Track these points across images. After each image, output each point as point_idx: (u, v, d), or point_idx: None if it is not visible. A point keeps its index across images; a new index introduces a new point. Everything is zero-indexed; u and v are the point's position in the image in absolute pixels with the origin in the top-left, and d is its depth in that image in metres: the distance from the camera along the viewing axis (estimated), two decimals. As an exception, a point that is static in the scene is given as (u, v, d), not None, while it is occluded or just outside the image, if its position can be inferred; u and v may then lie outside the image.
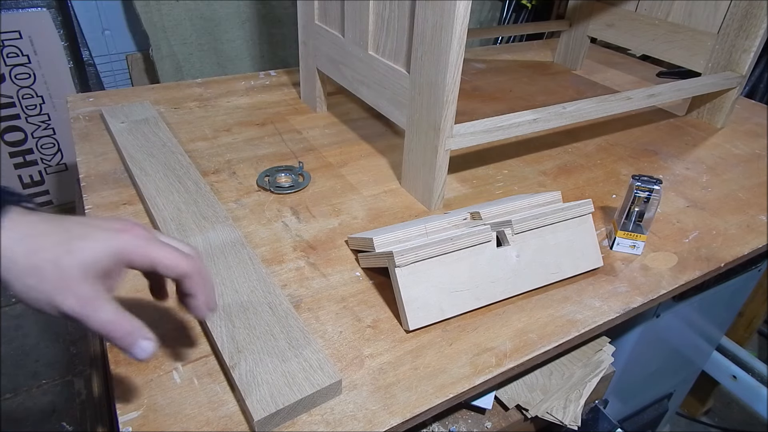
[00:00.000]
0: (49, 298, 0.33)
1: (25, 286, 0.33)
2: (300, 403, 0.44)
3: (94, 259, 0.35)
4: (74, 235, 0.35)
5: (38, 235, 0.34)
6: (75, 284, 0.34)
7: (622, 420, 1.03)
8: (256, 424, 0.42)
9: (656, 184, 0.66)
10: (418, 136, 0.71)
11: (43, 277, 0.33)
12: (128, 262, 0.37)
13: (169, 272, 0.38)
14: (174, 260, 0.38)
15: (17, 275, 0.33)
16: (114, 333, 0.35)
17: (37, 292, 0.33)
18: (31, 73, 1.52)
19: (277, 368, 0.46)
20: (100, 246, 0.35)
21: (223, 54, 1.67)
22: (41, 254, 0.33)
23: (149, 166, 0.74)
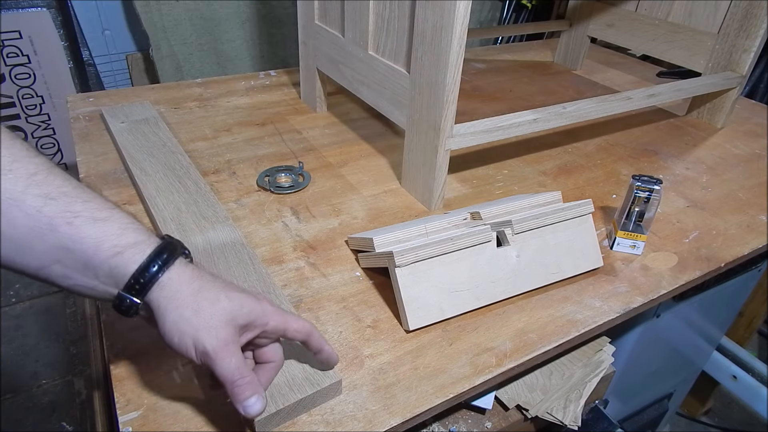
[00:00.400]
0: (196, 332, 0.38)
1: (180, 317, 0.38)
2: (300, 403, 0.44)
3: (243, 310, 0.40)
4: (230, 287, 0.41)
5: (203, 279, 0.40)
6: (221, 326, 0.38)
7: (622, 420, 1.03)
8: (257, 424, 0.42)
9: (656, 184, 0.66)
10: (418, 136, 0.71)
11: (199, 312, 0.38)
12: (265, 323, 0.41)
13: (299, 335, 0.43)
14: (302, 323, 0.43)
15: (178, 305, 0.38)
16: (237, 381, 0.38)
17: (188, 324, 0.38)
18: (31, 73, 1.52)
19: None
20: (250, 302, 0.41)
21: (223, 54, 1.67)
22: (204, 293, 0.39)
23: (149, 166, 0.74)
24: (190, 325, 0.38)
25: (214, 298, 0.39)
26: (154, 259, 0.38)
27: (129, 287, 0.37)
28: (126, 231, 0.38)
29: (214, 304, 0.39)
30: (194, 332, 0.38)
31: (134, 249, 0.37)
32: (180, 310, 0.38)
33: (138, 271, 0.37)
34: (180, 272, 0.39)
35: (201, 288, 0.39)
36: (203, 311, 0.38)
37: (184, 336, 0.38)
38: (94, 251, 0.36)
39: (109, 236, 0.37)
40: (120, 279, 0.37)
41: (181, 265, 0.39)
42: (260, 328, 0.41)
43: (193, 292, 0.39)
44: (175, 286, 0.38)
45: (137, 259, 0.37)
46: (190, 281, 0.39)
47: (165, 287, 0.38)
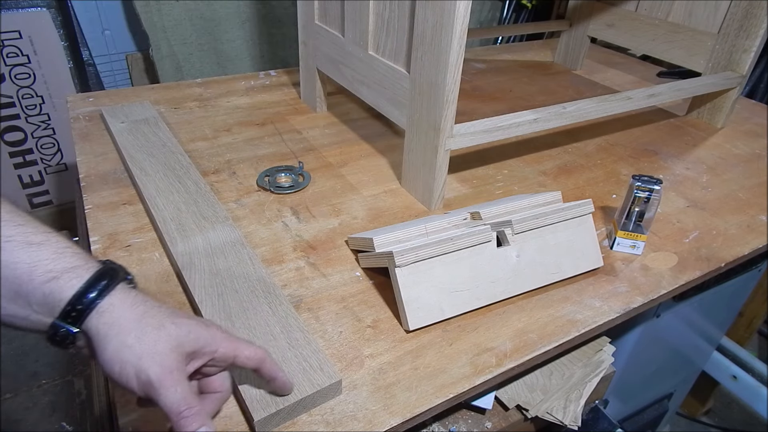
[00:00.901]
0: (138, 360, 0.35)
1: (122, 344, 0.35)
2: (300, 403, 0.44)
3: (190, 336, 0.37)
4: (176, 314, 0.38)
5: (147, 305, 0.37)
6: (166, 353, 0.36)
7: (622, 420, 1.03)
8: (256, 424, 0.42)
9: (656, 184, 0.66)
10: (418, 136, 0.71)
11: (142, 338, 0.36)
12: (214, 350, 0.39)
13: (250, 362, 0.41)
14: (254, 350, 0.41)
15: (119, 331, 0.35)
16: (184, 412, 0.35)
17: (130, 352, 0.35)
18: (31, 73, 1.52)
19: None
20: (198, 328, 0.38)
21: (223, 54, 1.67)
22: (148, 319, 0.36)
23: (149, 166, 0.74)
24: (132, 353, 0.35)
25: (158, 324, 0.37)
26: (93, 284, 0.36)
27: (64, 315, 0.35)
28: (62, 255, 0.35)
29: (158, 329, 0.36)
30: (137, 360, 0.35)
31: (71, 274, 0.35)
32: (121, 336, 0.35)
33: (75, 296, 0.35)
34: (122, 298, 0.37)
35: (145, 314, 0.37)
36: (147, 337, 0.36)
37: (126, 365, 0.35)
38: (28, 276, 0.34)
39: (44, 260, 0.34)
40: (55, 306, 0.35)
41: (123, 291, 0.37)
42: (209, 356, 0.39)
43: (136, 317, 0.36)
44: (116, 312, 0.36)
45: (74, 284, 0.35)
46: (132, 307, 0.37)
47: (105, 313, 0.36)
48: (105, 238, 0.63)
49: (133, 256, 0.61)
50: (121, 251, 0.61)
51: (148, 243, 0.63)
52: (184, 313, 0.40)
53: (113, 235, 0.64)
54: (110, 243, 0.63)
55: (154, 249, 0.62)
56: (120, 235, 0.64)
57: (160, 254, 0.62)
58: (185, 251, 0.59)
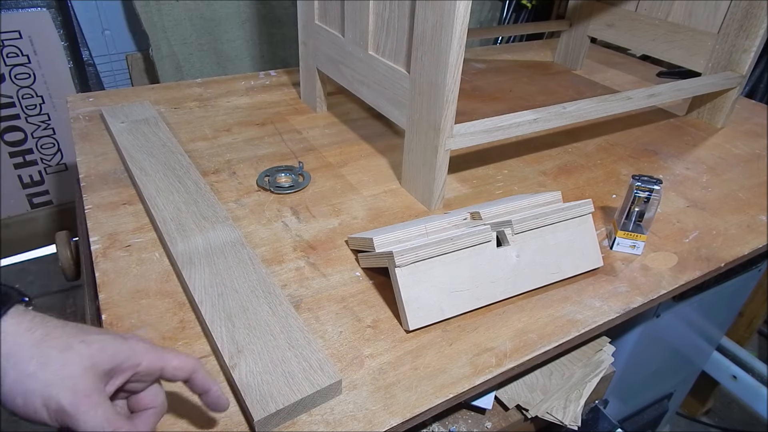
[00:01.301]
0: (45, 388, 0.32)
1: (22, 374, 0.32)
2: (300, 403, 0.44)
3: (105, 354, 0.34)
4: (85, 331, 0.35)
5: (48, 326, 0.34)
6: (78, 376, 0.33)
7: (622, 420, 1.03)
8: (256, 424, 0.42)
9: (656, 184, 0.66)
10: (418, 136, 0.71)
11: (47, 364, 0.32)
12: (137, 364, 0.36)
13: (180, 372, 0.38)
14: (183, 359, 0.38)
15: (17, 360, 0.32)
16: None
17: (33, 380, 0.32)
18: (31, 73, 1.52)
19: (276, 368, 0.46)
20: (113, 342, 0.35)
21: (223, 54, 1.67)
22: (50, 341, 0.33)
23: (149, 166, 0.74)
24: (36, 381, 0.31)
25: (63, 346, 0.33)
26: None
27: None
28: None
29: (64, 351, 0.33)
30: (43, 389, 0.31)
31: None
32: (21, 366, 0.32)
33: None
34: (16, 323, 0.33)
35: (46, 336, 0.33)
36: (52, 362, 0.32)
37: (31, 395, 0.31)
38: None
39: None
40: None
41: (17, 315, 0.33)
42: (131, 370, 0.36)
43: (35, 342, 0.32)
44: (10, 340, 0.32)
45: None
46: (29, 331, 0.33)
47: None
48: (105, 238, 0.63)
49: (133, 256, 0.61)
50: (121, 251, 0.62)
51: (148, 243, 0.63)
52: (95, 328, 0.36)
53: (113, 235, 0.64)
54: (110, 243, 0.63)
55: (154, 249, 0.62)
56: (120, 235, 0.64)
57: (160, 254, 0.62)
58: (185, 251, 0.59)
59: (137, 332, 0.51)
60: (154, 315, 0.53)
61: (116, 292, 0.56)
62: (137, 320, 0.53)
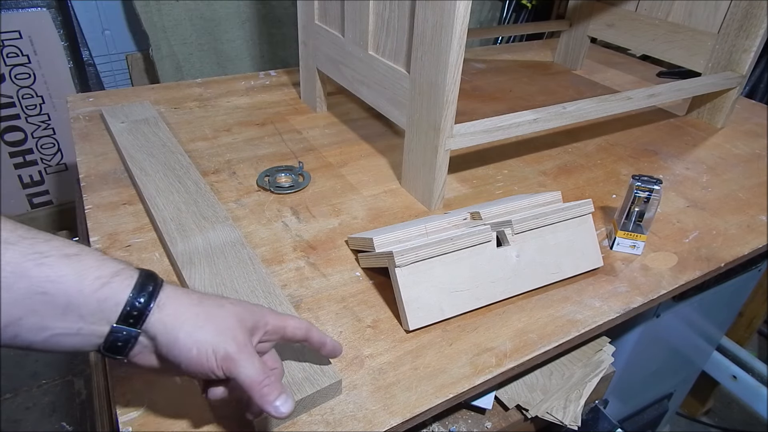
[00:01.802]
0: (214, 337, 0.36)
1: (194, 327, 0.36)
2: (300, 403, 0.44)
3: (246, 313, 0.39)
4: (224, 296, 0.40)
5: (198, 293, 0.39)
6: (236, 328, 0.37)
7: (622, 420, 1.03)
8: (256, 424, 0.42)
9: (656, 184, 0.66)
10: (418, 136, 0.71)
11: (210, 318, 0.37)
12: (266, 323, 0.40)
13: (299, 331, 0.42)
14: (299, 320, 0.43)
15: (186, 318, 0.36)
16: (264, 381, 0.36)
17: (203, 332, 0.36)
18: (31, 73, 1.52)
19: None
20: (248, 304, 0.40)
21: (223, 54, 1.67)
22: (207, 301, 0.38)
23: (149, 166, 0.74)
24: (205, 332, 0.36)
25: (218, 304, 0.38)
26: (146, 283, 0.36)
27: (124, 317, 0.34)
28: (104, 261, 0.35)
29: (221, 308, 0.38)
30: (212, 338, 0.36)
31: (120, 276, 0.35)
32: (191, 321, 0.36)
33: (131, 296, 0.34)
34: (174, 290, 0.37)
35: (201, 298, 0.38)
36: (214, 316, 0.37)
37: (203, 345, 0.35)
38: (77, 288, 0.33)
39: (90, 269, 0.33)
40: (112, 312, 0.34)
41: (171, 286, 0.38)
42: (262, 329, 0.40)
43: (195, 302, 0.37)
44: (176, 303, 0.36)
45: (127, 284, 0.35)
46: (187, 294, 0.38)
47: (165, 306, 0.36)
48: (105, 238, 0.63)
49: (133, 256, 0.61)
50: (121, 251, 0.61)
51: (148, 243, 0.63)
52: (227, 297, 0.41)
53: (113, 235, 0.64)
54: (110, 243, 0.63)
55: (154, 249, 0.62)
56: (120, 235, 0.64)
57: (160, 254, 0.62)
58: (185, 251, 0.59)
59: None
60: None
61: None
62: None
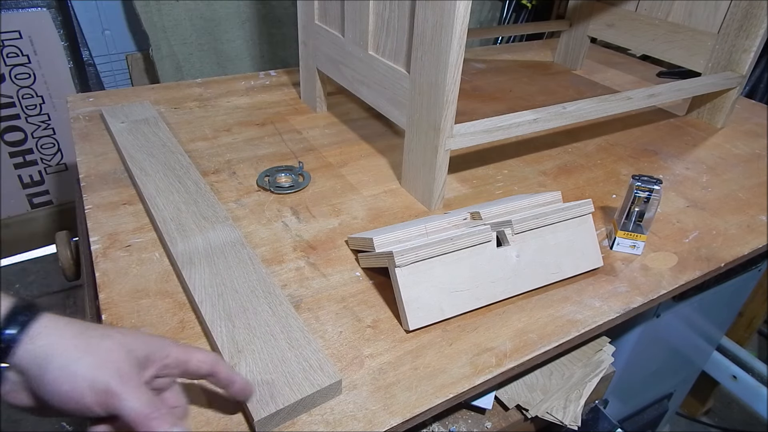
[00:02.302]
0: (91, 370, 0.33)
1: (69, 360, 0.33)
2: (300, 403, 0.44)
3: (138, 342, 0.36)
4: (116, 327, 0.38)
5: (82, 323, 0.36)
6: (120, 360, 0.34)
7: (622, 420, 1.03)
8: (256, 424, 0.42)
9: (656, 184, 0.66)
10: (418, 136, 0.71)
11: (90, 348, 0.34)
12: (165, 355, 0.38)
13: (204, 365, 0.40)
14: (205, 354, 0.40)
15: (62, 350, 0.33)
16: (153, 414, 0.34)
17: (79, 364, 0.33)
18: (31, 73, 1.52)
19: (277, 368, 0.46)
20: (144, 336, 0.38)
21: (223, 54, 1.67)
22: (91, 331, 0.35)
23: (149, 166, 0.74)
24: (82, 365, 0.33)
25: (103, 334, 0.35)
26: (18, 312, 0.33)
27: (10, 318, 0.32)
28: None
29: (105, 339, 0.35)
30: (89, 371, 0.33)
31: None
32: (67, 353, 0.33)
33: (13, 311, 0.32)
34: (53, 319, 0.34)
35: (85, 328, 0.35)
36: (96, 348, 0.34)
37: (77, 380, 0.32)
38: None
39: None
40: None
41: (51, 316, 0.34)
42: (159, 362, 0.37)
43: (77, 332, 0.34)
44: (52, 334, 0.33)
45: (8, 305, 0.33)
46: (68, 324, 0.34)
47: (38, 337, 0.33)
48: (105, 238, 0.63)
49: (133, 256, 0.61)
50: (121, 251, 0.61)
51: (148, 243, 0.63)
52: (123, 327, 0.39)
53: (113, 235, 0.64)
54: (110, 243, 0.63)
55: (154, 249, 0.62)
56: (120, 235, 0.64)
57: (160, 254, 0.62)
58: (185, 251, 0.59)
59: (137, 332, 0.51)
60: (154, 315, 0.53)
61: (116, 292, 0.56)
62: (137, 320, 0.53)
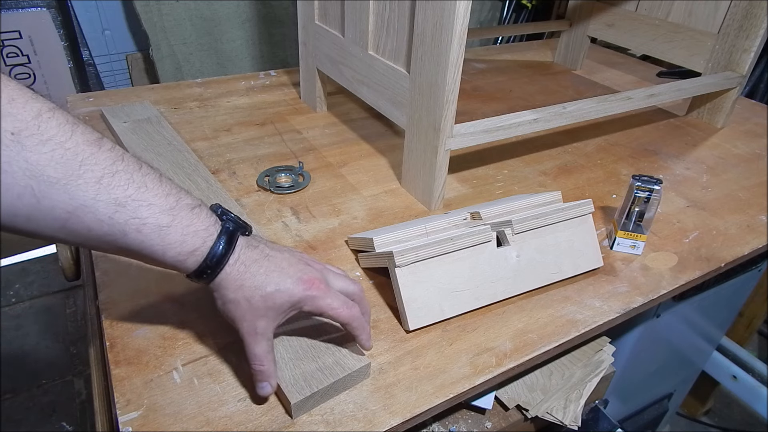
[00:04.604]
0: (235, 319, 0.43)
1: (223, 303, 0.43)
2: (332, 386, 0.46)
3: (277, 305, 0.43)
4: (271, 281, 0.43)
5: (246, 275, 0.43)
6: (255, 318, 0.43)
7: (622, 420, 1.03)
8: (293, 407, 0.44)
9: (656, 184, 0.66)
10: (418, 136, 0.71)
11: (237, 307, 0.43)
12: (301, 309, 0.45)
13: (334, 320, 0.46)
14: (336, 313, 0.45)
15: (224, 300, 0.43)
16: (257, 366, 0.43)
17: (231, 313, 0.43)
18: (31, 73, 1.52)
19: (307, 354, 0.48)
20: (285, 297, 0.43)
21: (223, 54, 1.67)
22: (242, 292, 0.43)
23: (157, 164, 0.74)
24: (232, 314, 0.43)
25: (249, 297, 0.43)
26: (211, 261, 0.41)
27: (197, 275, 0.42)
28: (186, 238, 0.40)
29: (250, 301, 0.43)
30: (234, 319, 0.43)
31: (194, 257, 0.41)
32: (226, 304, 0.43)
33: (196, 273, 0.42)
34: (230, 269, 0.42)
35: (242, 286, 0.43)
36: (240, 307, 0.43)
37: (228, 319, 0.44)
38: (161, 256, 0.40)
39: (173, 245, 0.40)
40: (185, 272, 0.42)
41: (235, 255, 0.42)
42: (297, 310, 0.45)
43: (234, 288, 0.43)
44: (224, 284, 0.42)
45: (197, 260, 0.41)
46: (236, 276, 0.43)
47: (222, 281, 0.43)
48: (105, 238, 0.63)
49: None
50: (121, 251, 0.61)
51: (148, 243, 0.63)
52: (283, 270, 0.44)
53: (113, 235, 0.64)
54: (110, 243, 0.63)
55: (154, 249, 0.62)
56: (120, 235, 0.64)
57: (160, 254, 0.61)
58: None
59: (137, 332, 0.51)
60: (155, 315, 0.53)
61: (116, 292, 0.56)
62: (138, 320, 0.53)
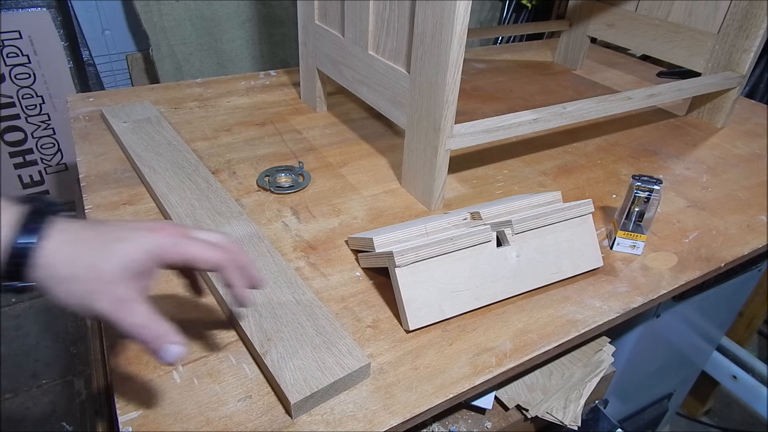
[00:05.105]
0: (84, 301, 0.34)
1: (64, 292, 0.34)
2: (332, 386, 0.46)
3: (129, 259, 0.35)
4: (110, 239, 0.36)
5: (77, 242, 0.35)
6: (110, 287, 0.35)
7: (622, 420, 1.03)
8: (293, 407, 0.44)
9: (656, 184, 0.66)
10: (418, 136, 0.71)
11: (80, 282, 0.34)
12: (163, 260, 0.37)
13: (204, 266, 0.39)
14: (207, 254, 0.38)
15: (58, 282, 0.34)
16: (143, 336, 0.36)
17: (74, 296, 0.34)
18: (31, 73, 1.52)
19: (307, 354, 0.48)
20: (135, 247, 0.36)
21: (223, 54, 1.67)
22: (79, 261, 0.34)
23: (158, 164, 0.75)
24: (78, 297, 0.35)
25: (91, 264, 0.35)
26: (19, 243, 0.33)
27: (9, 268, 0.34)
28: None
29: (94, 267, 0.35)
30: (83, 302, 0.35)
31: None
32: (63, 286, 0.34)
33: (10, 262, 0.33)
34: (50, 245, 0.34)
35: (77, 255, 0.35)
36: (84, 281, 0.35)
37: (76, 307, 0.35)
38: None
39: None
40: None
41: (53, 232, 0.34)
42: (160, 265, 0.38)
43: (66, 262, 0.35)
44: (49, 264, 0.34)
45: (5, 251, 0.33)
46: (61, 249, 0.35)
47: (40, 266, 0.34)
48: (105, 238, 0.63)
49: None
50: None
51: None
52: (121, 227, 0.37)
53: (113, 235, 0.64)
54: (110, 243, 0.63)
55: (154, 249, 0.62)
56: (120, 235, 0.64)
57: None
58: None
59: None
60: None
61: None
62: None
